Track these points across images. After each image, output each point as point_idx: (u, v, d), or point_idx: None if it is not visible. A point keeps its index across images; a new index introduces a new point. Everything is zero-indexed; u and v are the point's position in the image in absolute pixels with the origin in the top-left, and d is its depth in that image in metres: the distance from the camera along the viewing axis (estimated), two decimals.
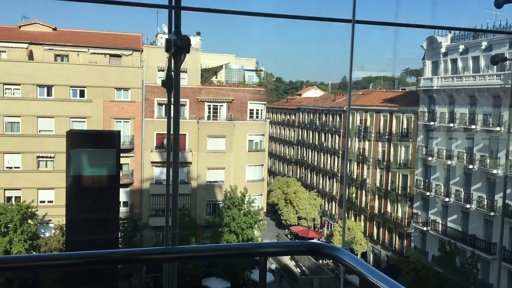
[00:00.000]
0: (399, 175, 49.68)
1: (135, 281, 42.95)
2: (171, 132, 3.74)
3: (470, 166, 38.65)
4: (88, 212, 19.04)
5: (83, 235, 19.27)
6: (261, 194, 47.24)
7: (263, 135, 47.44)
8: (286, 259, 57.92)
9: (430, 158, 43.44)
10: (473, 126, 38.61)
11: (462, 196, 39.63)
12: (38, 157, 40.94)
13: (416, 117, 46.24)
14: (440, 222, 42.19)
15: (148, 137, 43.02)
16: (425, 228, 43.73)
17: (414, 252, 40.24)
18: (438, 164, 42.58)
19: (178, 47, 3.09)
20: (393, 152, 50.33)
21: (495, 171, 36.23)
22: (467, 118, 39.34)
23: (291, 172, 75.80)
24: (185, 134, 43.11)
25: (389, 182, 50.38)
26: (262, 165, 47.66)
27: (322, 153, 66.47)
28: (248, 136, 45.65)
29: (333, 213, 63.14)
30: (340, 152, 61.27)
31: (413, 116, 46.93)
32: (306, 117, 72.03)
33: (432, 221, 43.06)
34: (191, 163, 43.82)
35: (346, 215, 56.58)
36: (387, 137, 50.89)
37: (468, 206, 38.75)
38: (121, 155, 39.49)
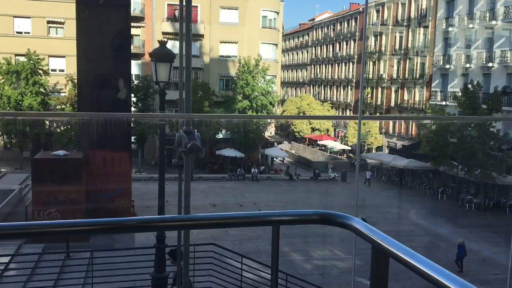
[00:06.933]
0: (417, 61, 48.27)
1: (149, 155, 42.64)
2: None
3: (493, 22, 37.13)
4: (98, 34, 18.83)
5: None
6: (275, 75, 46.14)
7: (277, 13, 46.12)
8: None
9: (450, 29, 41.91)
10: None
11: (484, 57, 38.20)
12: (48, 22, 40.20)
13: None
14: (460, 92, 40.81)
15: (158, 6, 42.01)
16: (444, 103, 42.45)
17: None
18: (459, 30, 41.06)
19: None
20: (411, 38, 48.81)
21: None
22: None
23: (304, 93, 74.56)
24: (196, 6, 41.95)
25: (407, 69, 49.01)
26: (276, 45, 46.48)
27: (336, 64, 65.10)
28: (262, 12, 44.42)
29: (347, 122, 61.98)
30: (356, 57, 59.78)
31: None
32: (320, 33, 70.45)
33: (452, 93, 41.76)
34: (203, 36, 42.81)
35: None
36: (405, 24, 49.30)
37: (490, 64, 37.37)
38: (132, 24, 38.67)
